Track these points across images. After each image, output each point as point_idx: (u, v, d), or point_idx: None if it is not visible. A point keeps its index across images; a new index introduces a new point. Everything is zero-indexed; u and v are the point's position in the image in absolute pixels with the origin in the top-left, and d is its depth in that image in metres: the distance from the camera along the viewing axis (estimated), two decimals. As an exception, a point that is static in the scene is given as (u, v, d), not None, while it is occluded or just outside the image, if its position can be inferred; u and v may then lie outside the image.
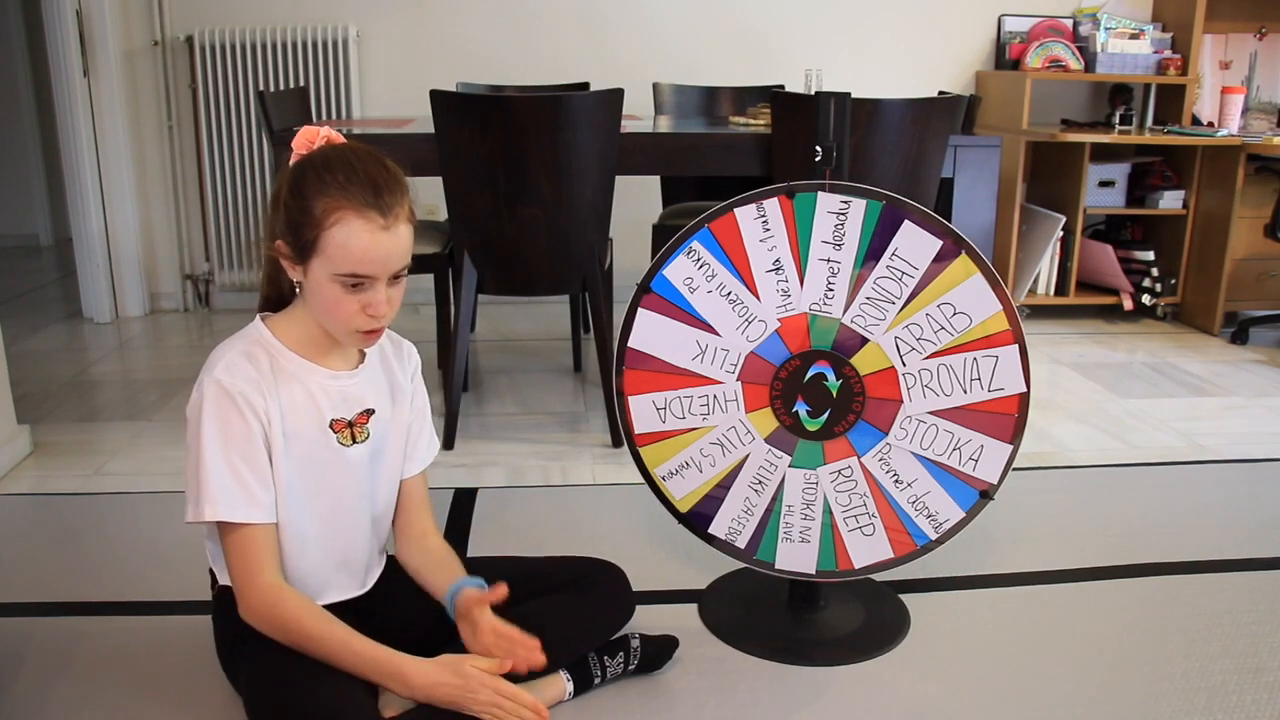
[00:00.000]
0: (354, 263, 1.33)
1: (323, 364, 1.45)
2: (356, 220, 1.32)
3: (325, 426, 1.45)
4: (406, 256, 1.38)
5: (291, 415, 1.42)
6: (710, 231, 1.63)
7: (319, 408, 1.44)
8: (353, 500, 1.50)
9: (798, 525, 1.68)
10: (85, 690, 1.58)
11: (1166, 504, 2.30)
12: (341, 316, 1.37)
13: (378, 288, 1.36)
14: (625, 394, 1.70)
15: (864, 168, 2.48)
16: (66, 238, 4.49)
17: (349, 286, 1.35)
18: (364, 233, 1.32)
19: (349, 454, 1.47)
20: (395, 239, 1.35)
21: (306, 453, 1.44)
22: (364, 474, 1.50)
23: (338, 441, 1.46)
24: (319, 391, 1.44)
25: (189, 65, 3.83)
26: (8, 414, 2.50)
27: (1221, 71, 4.12)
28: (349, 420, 1.47)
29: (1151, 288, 3.87)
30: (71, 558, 2.02)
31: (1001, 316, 1.56)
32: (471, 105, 2.40)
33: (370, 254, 1.33)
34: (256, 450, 1.39)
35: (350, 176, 1.34)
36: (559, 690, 1.54)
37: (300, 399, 1.43)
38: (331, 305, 1.37)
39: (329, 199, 1.33)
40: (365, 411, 1.49)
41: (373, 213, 1.33)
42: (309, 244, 1.34)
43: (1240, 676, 1.65)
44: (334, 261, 1.33)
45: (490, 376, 3.22)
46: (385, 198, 1.34)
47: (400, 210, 1.36)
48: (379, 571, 1.61)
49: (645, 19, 4.00)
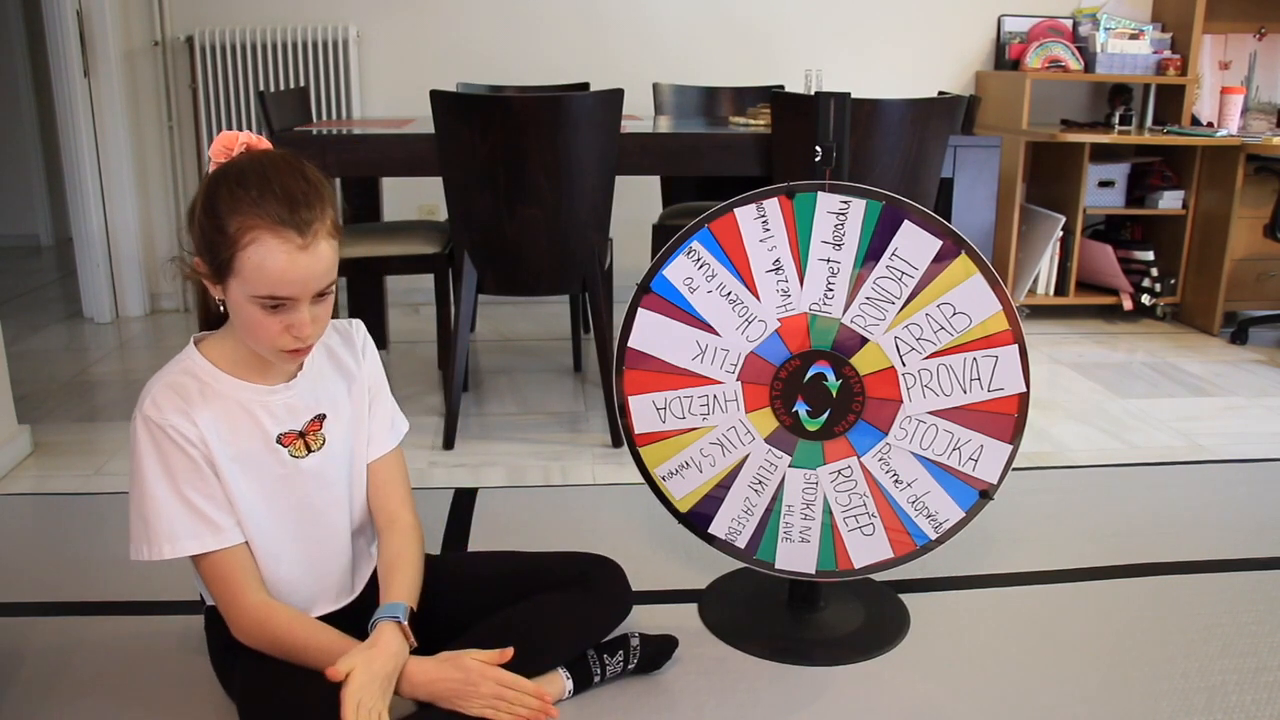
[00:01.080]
0: (271, 285, 1.26)
1: (258, 381, 1.40)
2: (271, 240, 1.25)
3: (272, 443, 1.40)
4: (329, 275, 1.30)
5: (232, 438, 1.37)
6: (710, 231, 1.63)
7: (261, 426, 1.39)
8: (325, 508, 1.47)
9: (798, 525, 1.68)
10: (85, 690, 1.58)
11: (1166, 504, 2.30)
12: (265, 338, 1.31)
13: (300, 308, 1.30)
14: (625, 394, 1.70)
15: (864, 168, 2.48)
16: (66, 238, 4.49)
17: (269, 308, 1.28)
18: (280, 254, 1.25)
19: (305, 465, 1.43)
20: (314, 258, 1.27)
21: (259, 472, 1.39)
22: (331, 480, 1.47)
23: (290, 455, 1.41)
24: (258, 409, 1.39)
25: (189, 65, 3.83)
26: (8, 414, 2.50)
27: (1221, 71, 4.12)
28: (299, 431, 1.42)
29: (1151, 288, 3.87)
30: (71, 558, 2.02)
31: (1001, 316, 1.56)
32: (471, 105, 2.40)
33: (287, 275, 1.26)
34: (204, 477, 1.35)
35: (264, 191, 1.26)
36: (558, 689, 1.54)
37: (240, 420, 1.37)
38: (253, 326, 1.31)
39: (242, 217, 1.25)
40: (316, 418, 1.44)
41: (289, 231, 1.25)
42: (224, 264, 1.27)
43: (1240, 676, 1.65)
44: (250, 284, 1.26)
45: (490, 376, 3.22)
46: (302, 214, 1.26)
47: (320, 226, 1.28)
48: (368, 570, 1.57)
49: (645, 19, 4.00)
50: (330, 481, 1.47)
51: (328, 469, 1.46)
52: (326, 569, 1.50)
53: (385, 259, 2.86)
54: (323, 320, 1.35)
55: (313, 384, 1.45)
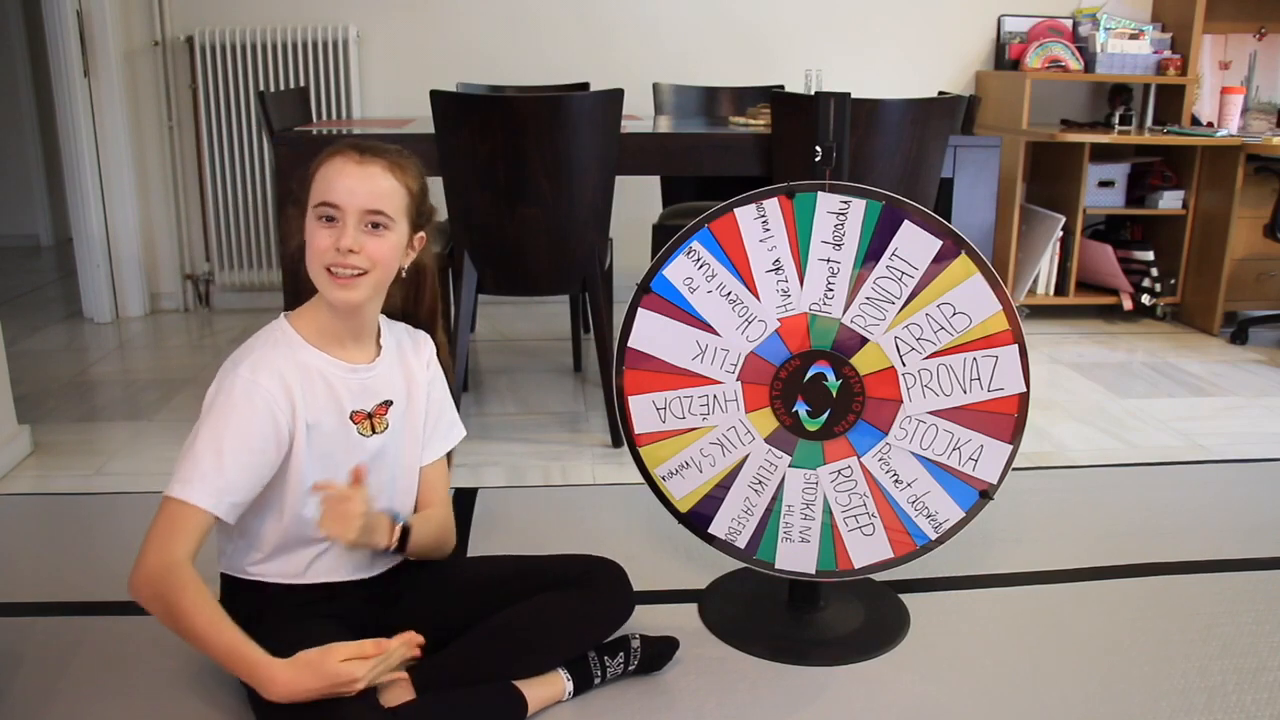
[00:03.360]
0: (323, 190, 1.41)
1: (341, 357, 1.50)
2: (336, 159, 1.43)
3: (345, 418, 1.49)
4: (380, 200, 1.43)
5: (313, 407, 1.46)
6: (710, 231, 1.63)
7: (339, 400, 1.48)
8: (373, 488, 1.52)
9: (797, 525, 1.68)
10: (85, 690, 1.58)
11: (1166, 504, 2.30)
12: (315, 253, 1.42)
13: (346, 222, 1.41)
14: (625, 394, 1.70)
15: (864, 168, 2.48)
16: (66, 238, 4.49)
17: (323, 220, 1.42)
18: (338, 165, 1.42)
19: (368, 444, 1.51)
20: (366, 174, 1.42)
21: (327, 443, 1.47)
22: (385, 463, 1.55)
23: (358, 432, 1.50)
24: (339, 384, 1.48)
25: (189, 65, 3.83)
26: (8, 414, 2.50)
27: (1221, 71, 4.12)
28: (369, 412, 1.51)
29: (1151, 288, 3.87)
30: (71, 558, 2.02)
31: (1001, 316, 1.56)
32: (471, 105, 2.40)
33: (338, 182, 1.41)
34: (254, 450, 1.40)
35: (349, 138, 1.48)
36: (558, 689, 1.54)
37: (321, 391, 1.47)
38: (310, 243, 1.43)
39: (323, 153, 1.45)
40: (384, 403, 1.54)
41: (350, 151, 1.44)
42: (303, 193, 1.45)
43: (1240, 676, 1.65)
44: (314, 195, 1.43)
45: (490, 376, 3.22)
46: (366, 146, 1.45)
47: (382, 158, 1.44)
48: (391, 561, 1.60)
49: (645, 19, 4.00)
50: (384, 465, 1.55)
51: (385, 453, 1.54)
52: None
53: (385, 259, 2.85)
54: (375, 253, 1.43)
55: (387, 370, 1.55)
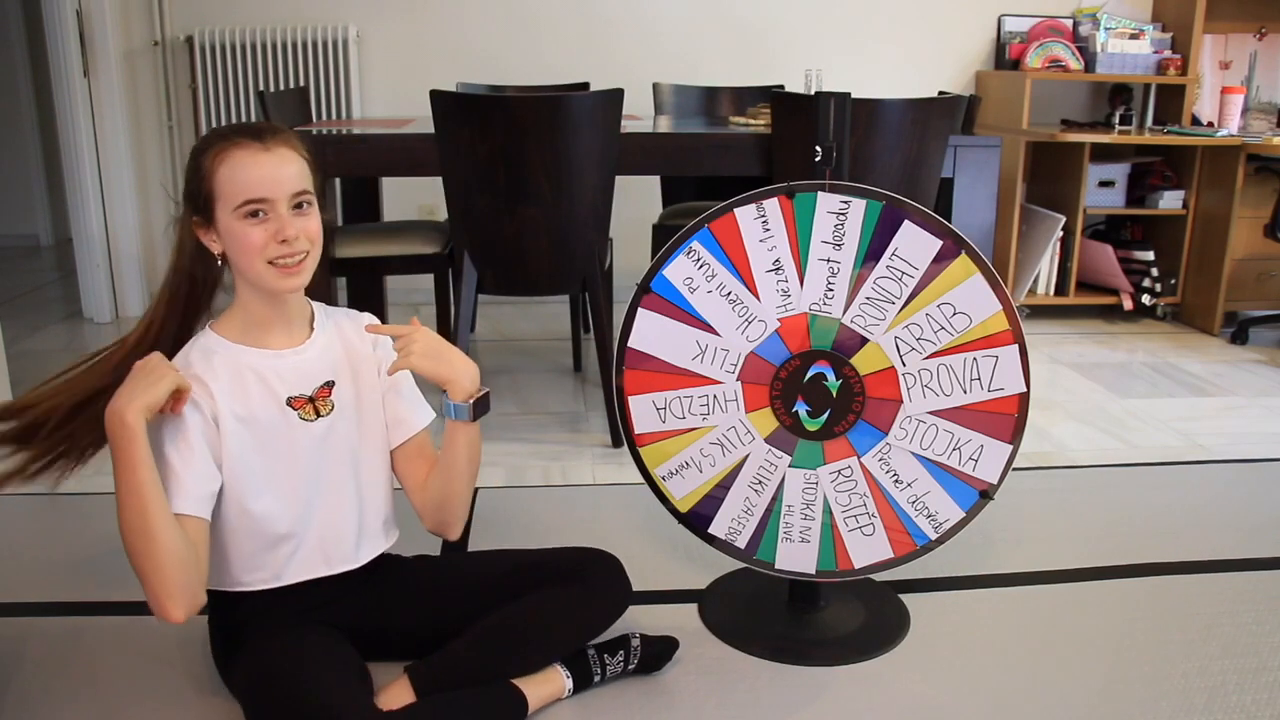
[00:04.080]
0: (243, 189, 1.37)
1: (268, 346, 1.47)
2: (236, 152, 1.38)
3: (283, 405, 1.46)
4: (299, 180, 1.40)
5: (243, 401, 1.43)
6: (710, 231, 1.63)
7: (272, 389, 1.45)
8: (329, 476, 1.49)
9: (798, 525, 1.68)
10: (85, 690, 1.58)
11: (1166, 504, 2.30)
12: (255, 254, 1.39)
13: (278, 212, 1.38)
14: (625, 394, 1.70)
15: (864, 168, 2.48)
16: (66, 238, 4.49)
17: (250, 217, 1.38)
18: (245, 158, 1.37)
19: (314, 429, 1.48)
20: (279, 158, 1.39)
21: (268, 433, 1.44)
22: (336, 447, 1.50)
23: (299, 418, 1.47)
24: (269, 373, 1.45)
25: (189, 65, 3.83)
26: (8, 414, 2.50)
27: (1221, 71, 4.12)
28: (309, 395, 1.48)
29: (1151, 288, 3.87)
30: (71, 558, 2.02)
31: (1001, 316, 1.56)
32: (471, 105, 2.40)
33: (254, 174, 1.37)
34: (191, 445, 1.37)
35: (228, 127, 1.42)
36: (558, 687, 1.54)
37: (251, 384, 1.44)
38: (244, 244, 1.39)
39: (212, 149, 1.39)
40: (325, 385, 1.50)
41: (249, 141, 1.38)
42: (208, 198, 1.39)
43: (1240, 676, 1.65)
44: (229, 197, 1.38)
45: (490, 376, 3.22)
46: (262, 131, 1.40)
47: (281, 139, 1.40)
48: (375, 549, 1.57)
49: (645, 19, 4.00)
50: (335, 449, 1.50)
51: (334, 433, 1.50)
52: (327, 535, 1.51)
53: (385, 259, 2.86)
54: (311, 232, 1.42)
55: (322, 351, 1.51)
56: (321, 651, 1.43)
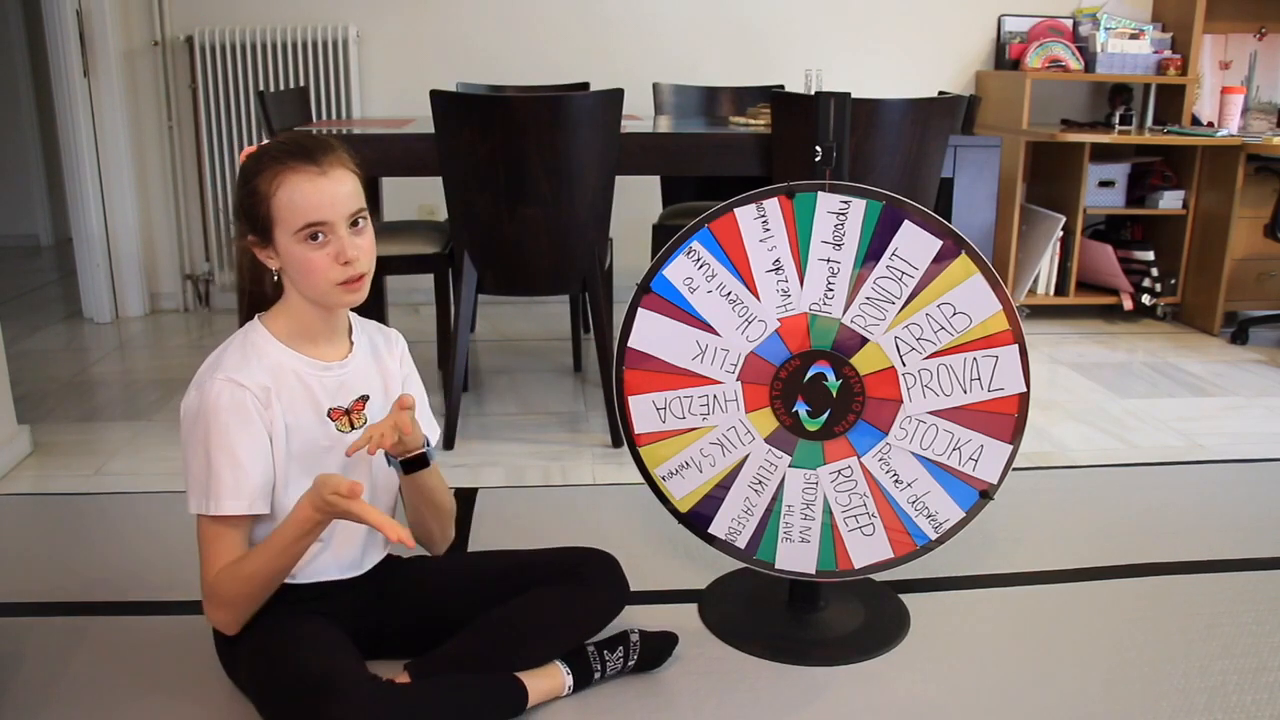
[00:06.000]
0: (304, 213, 1.39)
1: (315, 355, 1.50)
2: (293, 176, 1.39)
3: (324, 415, 1.49)
4: (356, 200, 1.43)
5: (291, 408, 1.46)
6: (710, 231, 1.63)
7: (316, 398, 1.49)
8: None
9: (798, 525, 1.68)
10: (85, 690, 1.58)
11: (1167, 504, 2.30)
12: (319, 275, 1.41)
13: (339, 233, 1.41)
14: (625, 394, 1.70)
15: (864, 168, 2.48)
16: (66, 238, 4.49)
17: (312, 240, 1.40)
18: (304, 183, 1.39)
19: (348, 440, 1.50)
20: (335, 182, 1.41)
21: (306, 442, 1.48)
22: (361, 455, 1.52)
23: (336, 429, 1.50)
24: (314, 382, 1.49)
25: (189, 65, 3.83)
26: (8, 414, 2.50)
27: (1221, 71, 4.12)
28: (346, 408, 1.52)
29: (1151, 288, 3.87)
30: (71, 558, 2.02)
31: (1001, 316, 1.56)
32: (471, 105, 2.40)
33: (315, 199, 1.39)
34: (261, 447, 1.43)
35: (280, 148, 1.42)
36: (558, 683, 1.54)
37: (298, 391, 1.47)
38: (306, 268, 1.41)
39: (267, 172, 1.40)
40: (361, 399, 1.54)
41: (305, 165, 1.40)
42: (266, 220, 1.41)
43: (1240, 676, 1.65)
44: (289, 221, 1.39)
45: (490, 376, 3.22)
46: (314, 152, 1.41)
47: (334, 159, 1.42)
48: (377, 556, 1.61)
49: (645, 19, 4.00)
50: (359, 460, 1.54)
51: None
52: (341, 540, 1.54)
53: (385, 259, 2.85)
54: (367, 250, 1.45)
55: (361, 366, 1.56)
56: (319, 629, 1.46)
